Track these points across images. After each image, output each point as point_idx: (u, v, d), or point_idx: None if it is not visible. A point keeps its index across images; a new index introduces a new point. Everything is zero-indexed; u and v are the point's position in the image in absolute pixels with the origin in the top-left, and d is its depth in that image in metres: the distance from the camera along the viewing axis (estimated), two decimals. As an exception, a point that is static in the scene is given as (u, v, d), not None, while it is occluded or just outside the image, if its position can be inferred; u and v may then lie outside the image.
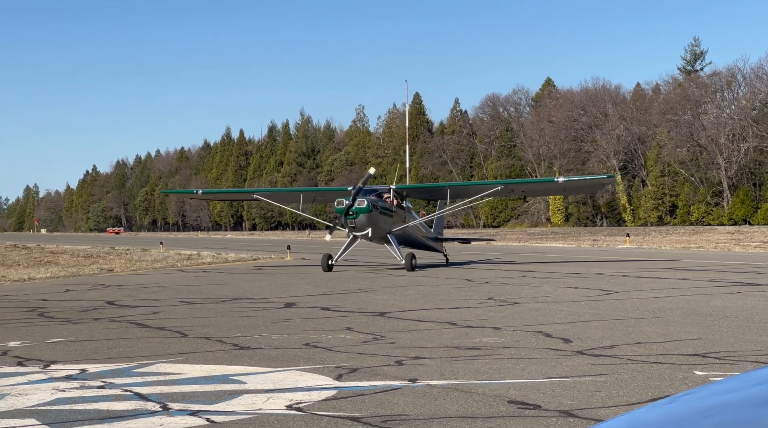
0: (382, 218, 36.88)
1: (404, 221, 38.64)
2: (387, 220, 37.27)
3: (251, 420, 9.68)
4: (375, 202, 36.61)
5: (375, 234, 36.83)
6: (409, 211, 40.02)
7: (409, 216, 39.77)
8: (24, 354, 15.10)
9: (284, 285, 31.60)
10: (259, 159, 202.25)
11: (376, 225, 36.50)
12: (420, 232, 41.12)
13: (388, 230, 37.35)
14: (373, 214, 36.26)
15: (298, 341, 16.21)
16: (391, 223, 37.56)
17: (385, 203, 37.34)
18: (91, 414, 10.12)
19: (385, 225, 37.13)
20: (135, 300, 26.23)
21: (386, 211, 37.31)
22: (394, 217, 37.83)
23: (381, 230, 37.05)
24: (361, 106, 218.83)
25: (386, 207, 37.36)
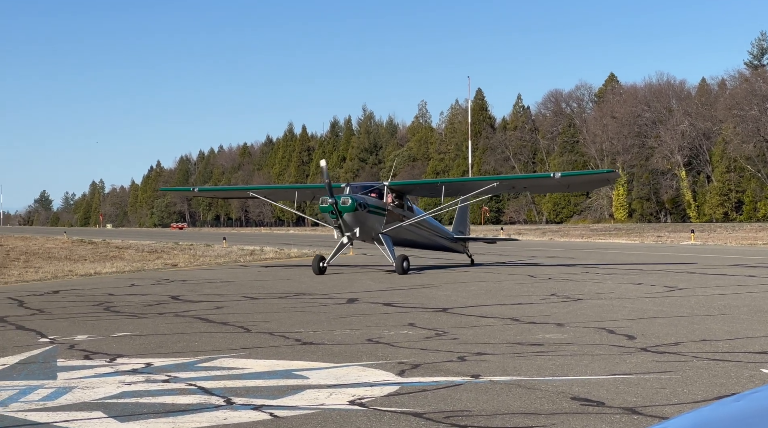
0: (371, 217, 34.14)
1: (401, 220, 35.67)
2: (377, 219, 34.53)
3: (314, 415, 9.72)
4: (362, 199, 33.99)
5: (364, 234, 34.23)
6: (411, 209, 37.05)
7: (410, 215, 36.64)
8: (91, 347, 15.28)
9: (347, 281, 31.65)
10: (322, 154, 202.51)
11: (364, 225, 33.89)
12: (428, 232, 38.17)
13: (380, 230, 34.59)
14: (360, 213, 33.58)
15: (360, 336, 16.24)
16: (382, 222, 34.77)
17: (375, 201, 34.74)
18: (156, 407, 10.22)
19: (375, 224, 34.41)
20: (199, 295, 26.43)
21: (377, 210, 34.56)
22: (387, 216, 34.94)
23: (371, 229, 34.35)
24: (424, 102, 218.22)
25: (377, 205, 34.63)
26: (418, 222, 36.91)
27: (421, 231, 37.42)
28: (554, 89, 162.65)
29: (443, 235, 39.59)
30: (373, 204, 34.34)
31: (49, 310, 22.32)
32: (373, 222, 34.09)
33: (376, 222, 34.29)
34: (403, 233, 35.95)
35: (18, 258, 50.69)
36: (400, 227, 35.36)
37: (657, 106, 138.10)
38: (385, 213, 34.75)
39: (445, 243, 39.59)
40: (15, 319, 20.22)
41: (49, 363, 13.61)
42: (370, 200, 34.30)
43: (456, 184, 39.13)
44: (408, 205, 36.76)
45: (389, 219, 34.88)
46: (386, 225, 34.72)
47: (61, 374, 12.58)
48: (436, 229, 39.19)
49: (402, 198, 36.18)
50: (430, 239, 38.42)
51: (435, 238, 38.79)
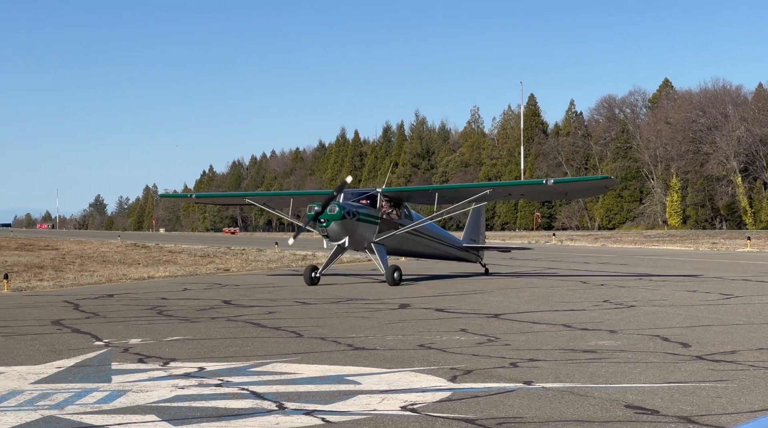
0: (361, 225, 32.28)
1: (396, 228, 33.61)
2: (369, 228, 32.59)
3: (366, 421, 9.71)
4: (351, 207, 32.15)
5: (353, 243, 32.43)
6: (409, 217, 34.83)
7: (408, 223, 34.48)
8: (144, 351, 15.39)
9: (399, 286, 31.65)
10: (374, 159, 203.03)
11: (353, 233, 32.06)
12: (429, 240, 35.87)
13: (372, 238, 32.69)
14: (348, 221, 31.79)
15: (412, 342, 16.22)
16: (374, 231, 32.78)
17: (367, 208, 32.81)
18: (209, 411, 10.26)
19: (366, 233, 32.49)
20: (251, 299, 26.52)
21: (368, 218, 32.64)
22: (379, 224, 32.98)
23: (362, 238, 32.50)
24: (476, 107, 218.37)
25: (368, 213, 32.71)
26: (418, 231, 34.91)
27: (421, 240, 35.41)
28: (607, 95, 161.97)
29: (450, 244, 37.44)
30: (364, 212, 32.54)
31: (104, 314, 22.50)
32: (363, 231, 32.36)
33: (368, 230, 32.52)
34: (400, 242, 34.16)
35: (73, 261, 51.19)
36: (395, 235, 33.42)
37: (712, 112, 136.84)
38: (378, 221, 32.95)
39: (453, 252, 37.53)
40: (71, 322, 20.41)
41: (104, 367, 13.72)
42: (361, 208, 32.58)
43: (449, 191, 36.54)
44: (406, 212, 34.78)
45: (383, 228, 33.08)
46: (379, 233, 32.90)
47: (116, 377, 12.67)
48: (439, 237, 36.94)
49: (399, 205, 34.32)
50: (434, 248, 36.40)
51: (440, 247, 36.67)
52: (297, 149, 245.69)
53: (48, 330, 18.92)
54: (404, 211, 34.52)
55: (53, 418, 9.97)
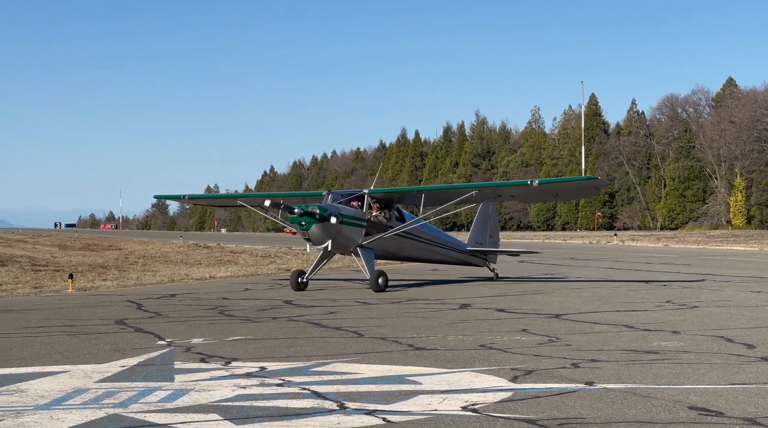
0: (345, 228, 30.31)
1: (385, 231, 31.55)
2: (354, 231, 30.65)
3: (427, 421, 9.71)
4: (334, 209, 30.16)
5: (337, 246, 30.62)
6: (402, 220, 32.82)
7: (399, 226, 32.31)
8: (206, 351, 15.50)
9: (459, 286, 31.62)
10: (435, 160, 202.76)
11: (337, 236, 30.15)
12: (425, 243, 33.83)
13: (358, 242, 30.78)
14: (329, 224, 29.78)
15: (473, 342, 16.20)
16: (361, 234, 30.86)
17: (352, 211, 30.85)
18: (271, 411, 10.32)
19: (351, 236, 30.56)
20: (312, 300, 26.62)
21: (353, 220, 30.62)
22: (366, 227, 31.05)
23: (346, 242, 30.62)
24: (537, 107, 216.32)
25: (353, 215, 30.72)
26: (413, 234, 32.99)
27: (417, 243, 33.42)
28: (670, 94, 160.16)
29: (451, 247, 35.45)
30: (348, 214, 30.55)
31: (166, 313, 22.70)
32: (348, 234, 30.45)
33: (353, 233, 30.60)
34: (391, 246, 32.16)
35: (136, 261, 51.70)
36: (383, 239, 31.42)
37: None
38: (365, 223, 30.99)
39: (455, 255, 35.57)
40: (134, 322, 20.62)
41: (167, 366, 13.84)
42: (345, 210, 30.62)
43: (436, 193, 34.36)
44: (397, 215, 32.79)
45: (370, 231, 31.13)
46: (366, 237, 30.98)
47: (178, 376, 12.78)
48: (438, 241, 34.91)
49: (390, 207, 32.37)
50: (432, 251, 34.38)
51: (439, 250, 34.63)
52: (358, 149, 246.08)
53: (112, 330, 19.13)
54: (394, 214, 32.59)
55: (117, 416, 10.07)
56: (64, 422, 9.79)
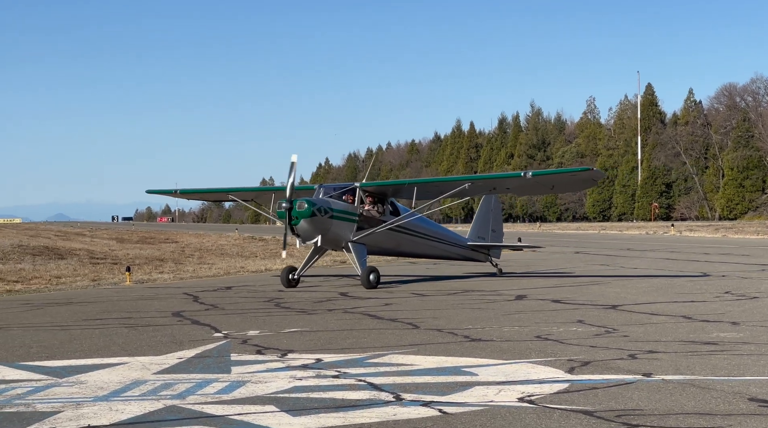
0: (336, 223, 29.11)
1: (378, 226, 30.22)
2: (345, 226, 29.42)
3: (483, 412, 9.68)
4: (323, 203, 28.94)
5: (328, 242, 29.39)
6: (396, 214, 31.50)
7: (392, 220, 31.01)
8: (263, 343, 15.56)
9: (516, 278, 31.51)
10: (490, 151, 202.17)
11: (327, 232, 28.93)
12: (421, 238, 32.41)
13: (349, 237, 29.50)
14: (319, 218, 28.58)
15: (529, 333, 16.13)
16: (352, 229, 29.61)
17: (342, 205, 29.59)
18: (327, 402, 10.33)
19: (342, 231, 29.31)
20: (367, 291, 26.64)
21: (343, 215, 29.40)
22: (358, 222, 29.81)
23: (337, 237, 29.34)
24: (592, 98, 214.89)
25: (343, 209, 29.46)
26: (408, 228, 31.62)
27: (413, 238, 32.04)
28: (728, 83, 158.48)
29: (450, 241, 34.02)
30: (338, 208, 29.31)
31: (223, 306, 22.83)
32: (339, 229, 29.22)
33: (344, 228, 29.37)
34: (384, 240, 30.77)
35: (192, 254, 52.06)
36: (376, 234, 30.12)
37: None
38: (357, 218, 29.78)
39: (454, 250, 34.14)
40: (190, 314, 20.75)
41: (224, 358, 13.91)
42: (336, 204, 29.36)
43: (429, 185, 32.82)
44: (391, 209, 31.47)
45: (362, 225, 29.90)
46: (358, 232, 29.73)
47: (235, 368, 12.84)
48: (436, 235, 33.52)
49: (383, 201, 31.11)
50: (430, 246, 32.98)
51: (436, 245, 33.22)
52: (413, 141, 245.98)
53: (169, 322, 19.26)
54: (388, 208, 31.25)
55: (175, 408, 10.14)
56: (123, 413, 9.87)
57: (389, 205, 31.35)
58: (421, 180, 34.23)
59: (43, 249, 51.79)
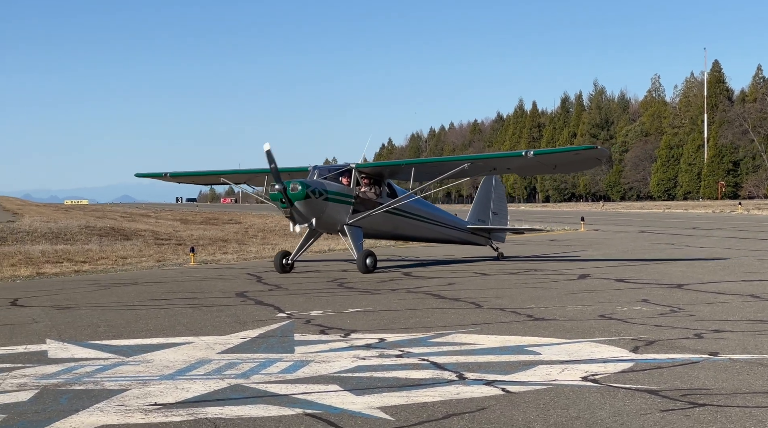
0: (331, 205, 27.97)
1: (375, 208, 29.00)
2: (341, 208, 28.28)
3: (546, 391, 9.64)
4: (318, 185, 27.82)
5: (323, 225, 28.32)
6: (394, 196, 30.18)
7: (389, 202, 29.68)
8: (326, 322, 15.63)
9: (577, 261, 31.33)
10: (552, 131, 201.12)
11: (322, 214, 27.78)
12: (419, 221, 31.11)
13: (345, 220, 28.40)
14: (313, 200, 27.46)
15: (592, 312, 16.04)
16: (348, 212, 28.46)
17: (337, 187, 28.43)
18: (390, 381, 10.35)
19: (337, 214, 28.19)
20: (431, 271, 26.65)
21: (339, 197, 28.27)
22: (354, 204, 28.66)
23: (332, 220, 28.24)
24: (657, 76, 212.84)
25: (339, 191, 28.32)
26: (405, 210, 30.36)
27: (411, 221, 30.77)
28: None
29: (448, 224, 32.57)
30: (334, 190, 28.17)
31: (286, 286, 22.95)
32: (333, 212, 28.09)
33: (339, 211, 28.25)
34: (380, 223, 29.52)
35: (256, 235, 52.38)
36: (372, 216, 28.93)
37: None
38: (352, 200, 28.64)
39: (453, 233, 32.81)
40: (254, 294, 20.89)
41: (287, 338, 13.99)
42: (331, 186, 28.23)
43: (426, 166, 31.64)
44: (388, 191, 30.18)
45: (358, 208, 28.76)
46: (354, 214, 28.59)
47: (299, 348, 12.90)
48: (434, 218, 32.10)
49: (380, 183, 29.81)
50: (428, 229, 31.68)
51: (434, 228, 31.88)
52: (475, 121, 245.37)
53: (233, 302, 19.41)
54: (385, 190, 29.99)
55: (240, 387, 10.22)
56: (189, 392, 9.97)
57: (386, 186, 30.14)
58: (418, 160, 32.93)
59: (109, 231, 52.39)
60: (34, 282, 26.35)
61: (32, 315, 17.67)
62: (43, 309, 18.70)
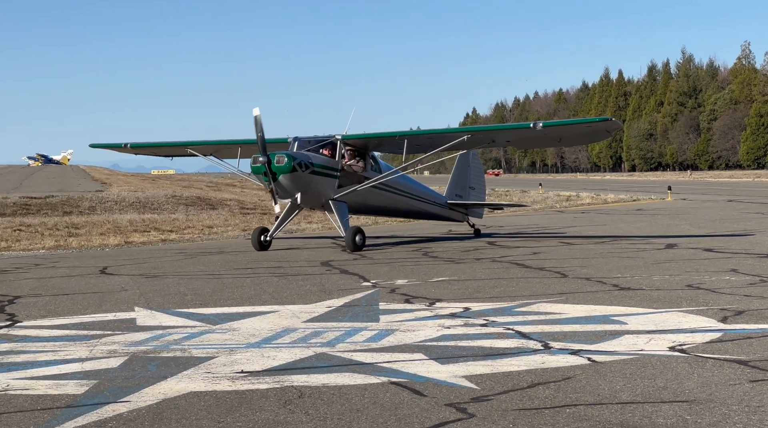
0: (316, 179, 26.21)
1: (360, 182, 27.45)
2: (326, 182, 26.57)
3: (633, 361, 9.55)
4: (303, 158, 26.01)
5: (307, 200, 26.55)
6: (378, 170, 28.61)
7: (375, 177, 28.11)
8: (411, 291, 15.64)
9: (665, 226, 30.98)
10: (638, 99, 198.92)
11: (307, 189, 26.05)
12: (401, 195, 29.46)
13: (330, 195, 26.69)
14: (299, 174, 25.65)
15: (680, 282, 15.85)
16: (333, 186, 26.78)
17: (323, 159, 26.68)
18: (475, 350, 10.33)
19: (323, 188, 26.48)
20: (515, 240, 26.54)
21: (325, 170, 26.53)
22: (339, 178, 26.98)
23: (317, 195, 26.51)
24: (747, 43, 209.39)
25: (325, 164, 26.59)
26: (389, 185, 28.69)
27: (393, 196, 29.08)
28: None
29: (428, 200, 30.91)
30: (319, 163, 26.45)
31: (371, 255, 23.01)
32: (319, 186, 26.39)
33: (325, 185, 26.55)
34: (365, 198, 27.88)
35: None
36: (357, 191, 27.31)
37: None
38: (338, 174, 26.96)
39: (433, 209, 31.05)
40: (339, 264, 20.99)
41: (372, 306, 14.03)
42: (316, 158, 26.49)
43: (421, 138, 29.11)
44: (372, 163, 28.53)
45: (343, 182, 27.07)
46: (339, 189, 26.94)
47: (383, 317, 12.93)
48: (415, 193, 30.40)
49: (364, 156, 28.11)
50: (408, 204, 30.02)
51: (415, 204, 30.22)
52: (560, 90, 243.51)
53: (318, 271, 19.52)
54: (370, 163, 28.40)
55: (325, 355, 10.27)
56: (275, 360, 10.04)
57: (371, 159, 28.56)
58: (412, 132, 30.42)
59: (195, 200, 52.95)
60: (122, 250, 26.76)
61: (121, 284, 17.95)
62: (132, 278, 18.98)
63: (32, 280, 18.91)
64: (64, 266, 22.11)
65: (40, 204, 48.31)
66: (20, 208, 45.64)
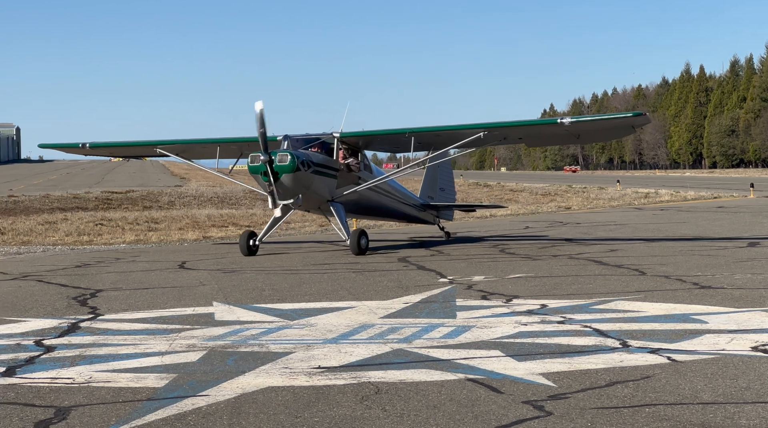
0: (317, 179, 24.59)
1: (357, 183, 25.89)
2: (326, 182, 24.97)
3: (714, 360, 9.43)
4: (305, 156, 24.30)
5: (308, 201, 24.81)
6: (369, 169, 26.95)
7: (369, 177, 26.55)
8: (487, 288, 15.60)
9: (747, 224, 30.54)
10: (720, 95, 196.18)
11: (308, 190, 24.35)
12: (389, 198, 27.79)
13: (330, 196, 25.13)
14: (302, 174, 23.90)
15: (763, 281, 15.62)
16: (333, 186, 25.22)
17: (323, 158, 25.09)
18: (552, 348, 10.28)
19: (323, 188, 24.88)
20: (592, 237, 26.34)
21: (325, 170, 24.93)
22: (339, 178, 25.38)
23: (318, 195, 24.85)
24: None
25: (325, 163, 24.98)
26: (380, 186, 27.06)
27: (382, 198, 27.45)
28: None
29: (409, 202, 29.08)
30: (319, 162, 24.79)
31: (447, 252, 23.00)
32: (320, 187, 24.78)
33: (325, 186, 24.97)
34: (360, 200, 26.39)
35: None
36: (355, 192, 25.79)
37: None
38: (337, 174, 25.38)
39: (411, 211, 29.25)
40: (416, 260, 21.00)
41: (449, 303, 14.01)
42: (316, 157, 24.89)
43: (429, 135, 26.80)
44: (366, 163, 26.97)
45: (342, 183, 25.49)
46: (338, 189, 25.39)
47: (460, 313, 12.92)
48: (399, 195, 28.66)
49: (356, 154, 26.49)
50: (393, 207, 28.32)
51: (399, 206, 28.57)
52: (639, 86, 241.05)
53: (395, 267, 19.54)
54: (364, 162, 26.82)
55: (402, 351, 10.28)
56: (352, 355, 10.07)
57: (364, 158, 26.97)
58: (421, 129, 26.82)
59: (273, 196, 53.27)
60: (201, 245, 27.02)
61: (199, 278, 18.13)
62: (210, 273, 19.17)
63: (113, 274, 19.18)
64: (144, 260, 22.41)
65: (121, 198, 49.04)
66: (102, 202, 46.37)
